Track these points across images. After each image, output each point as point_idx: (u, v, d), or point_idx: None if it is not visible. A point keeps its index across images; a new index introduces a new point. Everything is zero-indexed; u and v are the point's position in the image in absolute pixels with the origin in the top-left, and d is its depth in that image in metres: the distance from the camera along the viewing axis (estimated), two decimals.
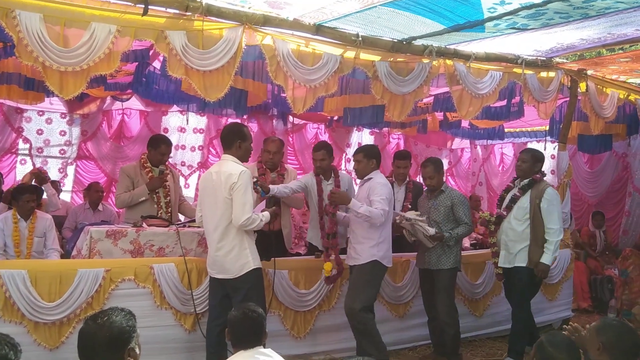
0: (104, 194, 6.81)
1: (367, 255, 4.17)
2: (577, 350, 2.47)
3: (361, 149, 4.54)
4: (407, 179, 5.50)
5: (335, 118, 7.57)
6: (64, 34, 3.44)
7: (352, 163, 4.71)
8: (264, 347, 2.66)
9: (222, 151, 3.89)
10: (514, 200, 4.65)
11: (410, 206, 5.23)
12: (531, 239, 4.52)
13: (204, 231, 3.91)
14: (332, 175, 4.73)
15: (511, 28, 4.00)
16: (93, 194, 6.51)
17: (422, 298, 4.78)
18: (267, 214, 3.81)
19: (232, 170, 3.65)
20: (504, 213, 4.69)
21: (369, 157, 4.32)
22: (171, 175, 4.90)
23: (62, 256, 4.98)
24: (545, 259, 4.46)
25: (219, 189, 3.66)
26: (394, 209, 5.18)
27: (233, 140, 3.79)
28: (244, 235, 3.70)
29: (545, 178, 4.74)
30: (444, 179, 4.65)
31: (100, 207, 6.42)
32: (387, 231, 4.24)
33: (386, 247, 4.22)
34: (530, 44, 4.70)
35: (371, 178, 4.27)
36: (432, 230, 4.42)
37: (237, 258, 3.67)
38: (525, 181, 4.66)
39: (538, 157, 4.72)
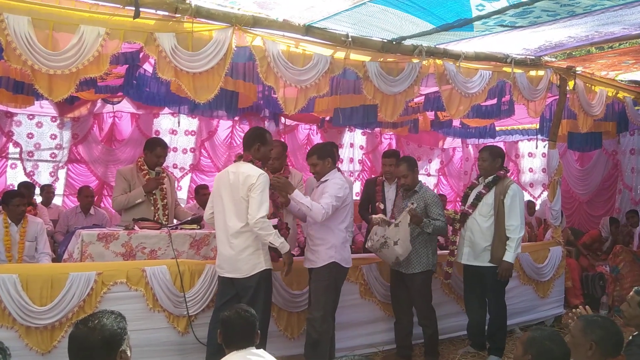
0: (94, 198, 6.75)
1: (324, 257, 4.05)
2: (564, 342, 2.49)
3: (313, 150, 4.31)
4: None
5: (327, 119, 7.58)
6: (53, 37, 3.42)
7: (344, 164, 4.76)
8: (256, 348, 2.67)
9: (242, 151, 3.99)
10: (479, 197, 4.69)
11: None
12: (495, 235, 4.56)
13: (215, 229, 3.91)
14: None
15: (499, 25, 4.03)
16: (83, 198, 6.49)
17: (391, 299, 4.71)
18: (286, 244, 3.76)
19: (251, 172, 3.71)
20: (469, 210, 4.71)
21: (323, 157, 4.16)
22: (167, 178, 4.91)
23: (54, 260, 4.96)
24: (508, 257, 4.48)
25: (236, 189, 3.70)
26: (386, 208, 5.23)
27: (253, 143, 3.87)
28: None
29: (535, 176, 4.78)
30: (418, 177, 4.61)
31: (92, 211, 6.41)
32: (341, 232, 4.09)
33: (344, 248, 4.11)
34: (519, 42, 4.73)
35: (327, 180, 4.12)
36: (411, 206, 4.30)
37: (250, 257, 3.70)
38: (490, 178, 4.70)
39: (497, 154, 4.78)
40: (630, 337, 2.89)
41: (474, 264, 4.67)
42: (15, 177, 7.58)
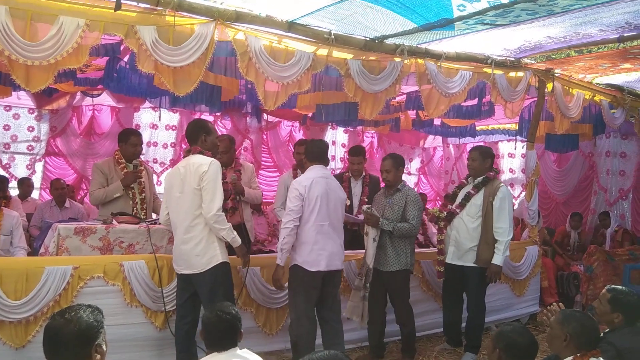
0: (65, 190, 6.50)
1: (291, 260, 4.04)
2: (530, 333, 2.63)
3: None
4: (364, 173, 5.58)
5: (310, 115, 7.59)
6: (31, 27, 3.37)
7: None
8: (240, 348, 2.63)
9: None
10: (468, 197, 4.72)
11: (367, 200, 5.31)
12: (481, 237, 4.60)
13: (172, 228, 3.84)
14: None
15: (480, 24, 4.08)
16: (54, 191, 6.35)
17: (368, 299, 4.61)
18: (238, 238, 3.70)
19: (202, 160, 3.66)
20: (457, 210, 4.75)
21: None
22: (145, 172, 4.85)
23: (30, 254, 4.88)
24: (497, 259, 4.53)
25: (188, 180, 3.64)
26: (352, 204, 5.38)
27: (198, 135, 3.83)
28: None
29: (515, 176, 4.84)
30: (402, 176, 4.62)
31: (67, 204, 6.26)
32: (306, 234, 3.96)
33: (307, 249, 3.95)
34: (499, 42, 4.80)
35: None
36: (365, 207, 4.41)
37: (204, 251, 3.62)
38: (480, 179, 4.74)
39: (487, 154, 4.83)
40: (602, 334, 2.96)
41: (458, 264, 4.70)
42: None
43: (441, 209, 4.96)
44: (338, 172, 9.62)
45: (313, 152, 4.19)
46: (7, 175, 7.24)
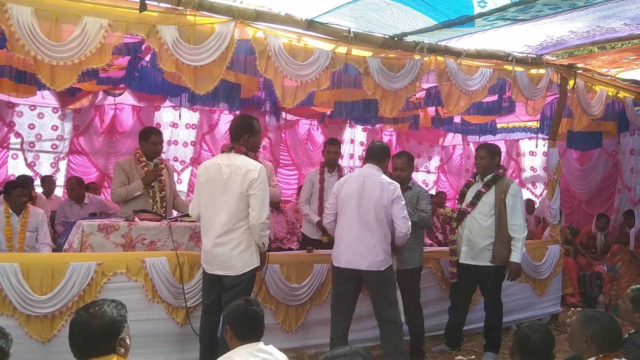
0: (75, 189, 6.24)
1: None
2: (549, 332, 2.63)
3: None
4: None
5: (328, 113, 7.60)
6: (56, 28, 3.44)
7: (346, 159, 4.86)
8: (264, 344, 2.61)
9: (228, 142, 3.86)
10: (479, 195, 4.66)
11: None
12: (496, 235, 4.53)
13: (203, 225, 3.72)
14: (336, 169, 5.62)
15: (501, 20, 4.04)
16: (69, 191, 6.33)
17: None
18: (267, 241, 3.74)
19: (249, 165, 3.57)
20: (468, 209, 4.69)
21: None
22: (166, 170, 4.88)
23: (54, 250, 4.98)
24: (515, 257, 4.47)
25: (234, 184, 3.54)
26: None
27: (241, 134, 3.72)
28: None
29: (536, 174, 4.78)
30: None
31: (86, 200, 6.22)
32: (337, 230, 4.12)
33: (335, 244, 4.13)
34: (520, 38, 4.74)
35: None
36: None
37: (243, 255, 3.57)
38: (489, 176, 4.68)
39: (495, 151, 4.78)
40: (627, 335, 2.92)
41: (471, 263, 4.64)
42: (16, 167, 7.62)
43: (454, 209, 4.93)
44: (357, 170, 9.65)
45: (368, 151, 4.30)
46: (32, 174, 7.40)
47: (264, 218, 3.54)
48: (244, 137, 3.71)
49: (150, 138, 4.74)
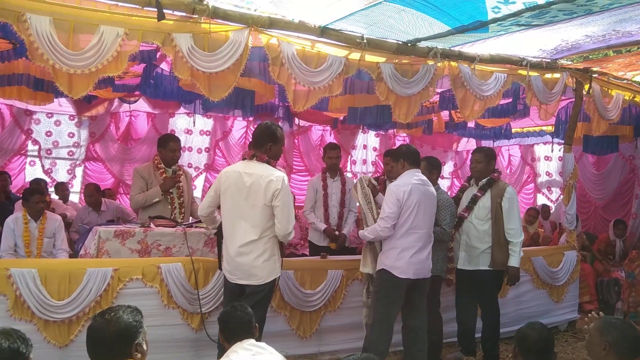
0: (93, 196, 6.25)
1: (379, 263, 4.08)
2: (547, 329, 2.69)
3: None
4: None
5: (341, 119, 7.60)
6: (73, 37, 3.50)
7: (359, 165, 4.84)
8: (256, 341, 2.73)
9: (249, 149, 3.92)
10: (475, 200, 4.62)
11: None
12: (493, 239, 4.50)
13: (224, 231, 3.68)
14: (338, 173, 5.52)
15: (515, 25, 4.02)
16: (86, 198, 6.36)
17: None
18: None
19: (272, 175, 3.54)
20: (465, 214, 4.65)
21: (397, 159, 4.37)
22: (184, 176, 4.89)
23: (71, 256, 5.03)
24: (514, 262, 4.43)
25: (257, 194, 3.52)
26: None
27: (264, 142, 3.67)
28: (276, 240, 3.63)
29: (552, 179, 4.74)
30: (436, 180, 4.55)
31: (103, 207, 6.27)
32: (399, 240, 3.96)
33: (396, 255, 3.94)
34: (534, 43, 4.70)
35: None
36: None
37: (267, 264, 3.57)
38: (484, 180, 4.64)
39: (491, 155, 4.76)
40: None
41: (469, 268, 4.59)
42: (33, 174, 7.73)
43: None
44: (369, 175, 9.64)
45: (411, 156, 4.16)
46: (50, 180, 7.49)
47: (290, 228, 3.56)
48: (266, 145, 3.66)
49: (168, 145, 4.78)
